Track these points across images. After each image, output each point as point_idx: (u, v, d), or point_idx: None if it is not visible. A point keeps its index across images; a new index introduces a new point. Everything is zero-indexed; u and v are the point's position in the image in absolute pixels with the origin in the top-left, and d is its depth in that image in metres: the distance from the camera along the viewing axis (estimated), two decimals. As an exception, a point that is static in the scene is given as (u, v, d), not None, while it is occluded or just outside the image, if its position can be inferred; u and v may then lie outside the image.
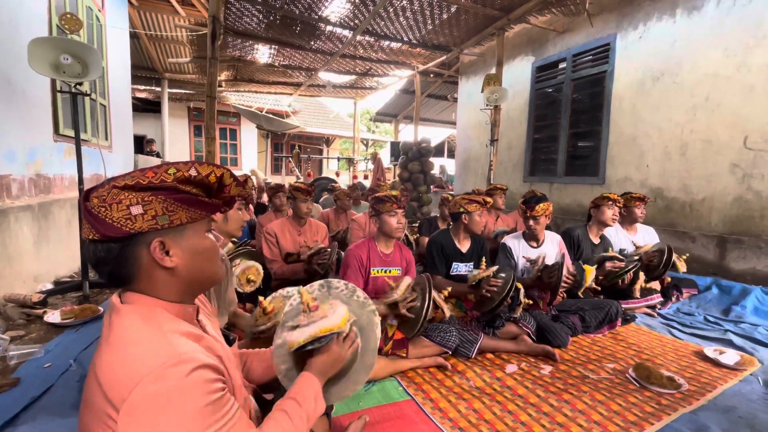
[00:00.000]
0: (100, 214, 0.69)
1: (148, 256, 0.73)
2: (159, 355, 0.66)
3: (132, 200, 0.69)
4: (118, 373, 0.65)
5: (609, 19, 4.85)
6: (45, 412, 1.58)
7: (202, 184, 0.76)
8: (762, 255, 3.42)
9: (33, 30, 3.12)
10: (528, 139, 6.17)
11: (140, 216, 0.70)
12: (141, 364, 0.64)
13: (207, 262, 0.81)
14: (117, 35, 5.38)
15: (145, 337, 0.68)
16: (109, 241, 0.71)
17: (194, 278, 0.79)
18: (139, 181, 0.70)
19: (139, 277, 0.74)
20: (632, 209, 3.32)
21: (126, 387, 0.62)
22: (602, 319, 2.64)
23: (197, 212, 0.76)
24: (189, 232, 0.76)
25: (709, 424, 1.62)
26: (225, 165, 1.04)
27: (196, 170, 0.74)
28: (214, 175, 0.76)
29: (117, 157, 5.41)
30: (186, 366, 0.66)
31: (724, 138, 3.73)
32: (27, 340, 2.27)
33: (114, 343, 0.68)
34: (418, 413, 1.70)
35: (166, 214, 0.72)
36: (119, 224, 0.69)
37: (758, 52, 3.49)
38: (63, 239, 3.39)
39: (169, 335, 0.70)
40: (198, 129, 12.79)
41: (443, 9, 5.24)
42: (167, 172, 0.72)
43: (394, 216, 2.22)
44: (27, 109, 3.09)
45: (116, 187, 0.70)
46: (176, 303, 0.78)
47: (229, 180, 0.79)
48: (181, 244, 0.75)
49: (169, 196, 0.72)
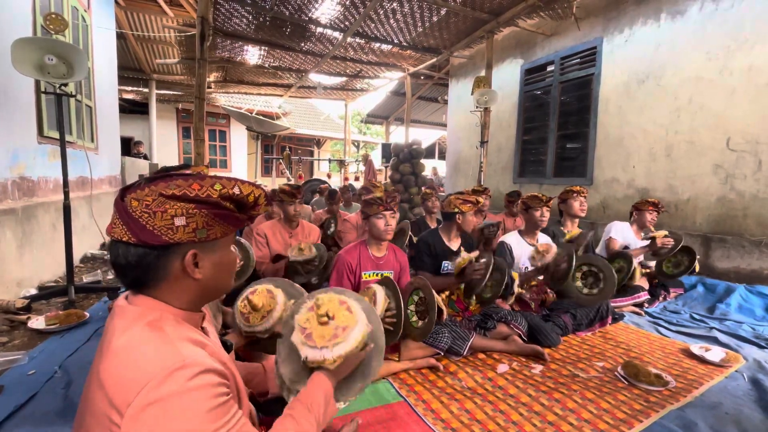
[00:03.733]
0: (141, 219, 0.69)
1: (180, 266, 0.74)
2: (164, 359, 0.65)
3: (177, 211, 0.71)
4: (122, 377, 0.64)
5: (595, 23, 4.94)
6: (29, 420, 1.54)
7: (239, 202, 0.77)
8: (745, 254, 3.50)
9: (17, 30, 3.05)
10: (517, 140, 6.23)
11: (182, 227, 0.71)
12: (145, 368, 0.64)
13: (226, 275, 0.83)
14: (103, 36, 5.30)
15: (149, 342, 0.68)
16: (145, 247, 0.71)
17: (211, 289, 0.81)
18: (186, 193, 0.71)
19: (162, 283, 0.75)
20: (643, 213, 3.37)
21: (130, 391, 0.62)
22: (593, 317, 2.68)
23: (229, 228, 0.78)
24: (219, 245, 0.79)
25: (696, 421, 1.65)
26: (214, 167, 1.04)
27: (239, 189, 0.76)
28: (253, 195, 0.78)
29: (103, 159, 5.32)
30: (190, 370, 0.66)
31: (707, 139, 3.81)
32: (10, 347, 2.21)
33: (118, 347, 0.67)
34: (410, 414, 1.70)
35: (205, 228, 0.74)
36: (160, 233, 0.70)
37: (739, 55, 3.58)
38: (47, 243, 3.32)
39: (174, 340, 0.70)
40: (187, 131, 12.65)
41: (433, 12, 5.27)
42: (213, 188, 0.73)
43: (381, 218, 2.20)
44: (10, 110, 3.03)
45: (163, 195, 0.70)
46: (186, 310, 0.78)
47: (262, 200, 0.81)
48: (210, 257, 0.77)
49: (210, 210, 0.73)
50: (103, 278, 3.53)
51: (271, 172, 13.27)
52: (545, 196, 2.78)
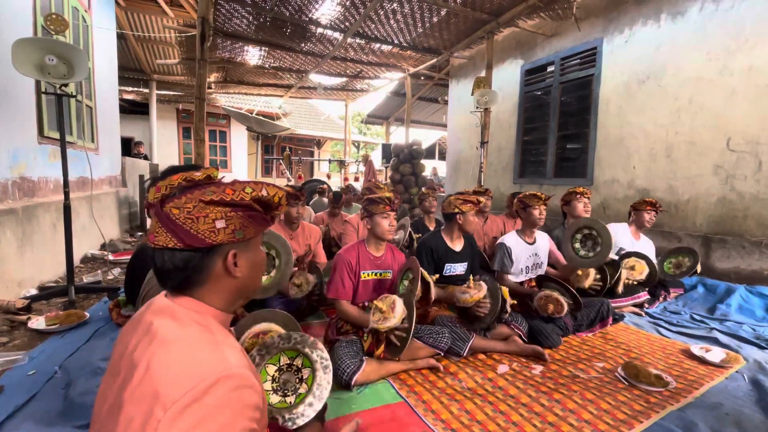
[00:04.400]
0: (185, 225, 0.76)
1: (222, 265, 0.80)
2: (214, 363, 0.69)
3: (217, 215, 0.77)
4: (173, 373, 0.66)
5: (596, 24, 4.94)
6: (30, 420, 1.54)
7: (266, 203, 0.85)
8: (745, 254, 3.50)
9: (17, 30, 3.05)
10: (517, 141, 6.23)
11: (223, 230, 0.78)
12: (197, 369, 0.67)
13: (258, 273, 0.91)
14: (104, 36, 5.31)
15: (202, 344, 0.72)
16: (191, 251, 0.77)
17: (246, 288, 0.87)
18: (223, 197, 0.78)
19: (206, 284, 0.80)
20: (641, 213, 3.36)
21: (178, 389, 0.64)
22: (594, 318, 2.68)
23: (259, 228, 0.86)
24: (252, 245, 0.86)
25: (696, 421, 1.65)
26: (215, 167, 1.06)
27: (266, 191, 0.84)
28: (278, 196, 0.86)
29: (103, 159, 5.33)
30: (236, 380, 0.69)
31: (707, 140, 3.81)
32: (11, 347, 2.21)
33: (172, 343, 0.71)
34: (410, 415, 1.70)
35: (242, 229, 0.81)
36: (204, 236, 0.76)
37: (740, 55, 3.58)
38: (48, 243, 3.32)
39: (222, 345, 0.74)
40: (187, 131, 12.65)
41: (433, 12, 5.27)
42: (245, 191, 0.80)
43: (386, 218, 2.21)
44: (10, 110, 3.03)
45: (203, 201, 0.77)
46: (224, 312, 0.84)
47: (284, 201, 0.89)
48: (246, 256, 0.84)
49: (245, 212, 0.81)
50: (103, 278, 3.53)
51: (271, 173, 13.28)
52: (543, 195, 2.77)
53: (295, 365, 1.45)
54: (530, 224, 2.81)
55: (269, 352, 1.44)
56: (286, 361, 1.45)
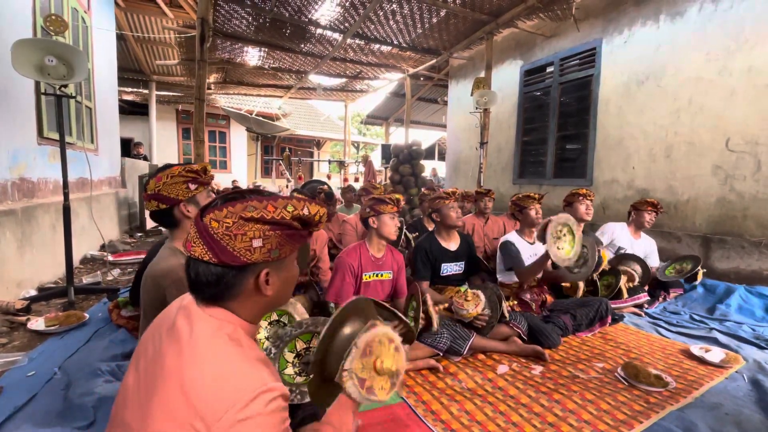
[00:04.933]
0: (222, 241, 0.74)
1: (254, 283, 0.79)
2: (251, 380, 0.70)
3: (255, 233, 0.75)
4: (212, 392, 0.67)
5: (595, 24, 4.94)
6: (29, 421, 1.54)
7: (307, 221, 0.82)
8: (745, 254, 3.50)
9: (17, 31, 3.05)
10: (517, 141, 6.24)
11: (259, 248, 0.76)
12: (236, 387, 0.68)
13: (290, 288, 0.89)
14: (103, 37, 5.31)
15: (236, 360, 0.72)
16: (225, 267, 0.76)
17: (276, 303, 0.87)
18: (264, 215, 0.76)
19: (237, 299, 0.79)
20: (642, 213, 3.37)
21: (220, 407, 0.65)
22: (593, 317, 2.68)
23: (296, 245, 0.84)
24: (287, 262, 0.84)
25: (696, 422, 1.65)
26: (214, 168, 1.05)
27: (308, 210, 0.81)
28: (319, 214, 0.84)
29: (103, 160, 5.33)
30: (271, 394, 0.70)
31: (706, 140, 3.82)
32: (10, 348, 2.21)
33: (207, 358, 0.71)
34: (410, 416, 1.69)
35: (278, 248, 0.79)
36: (239, 254, 0.75)
37: (739, 56, 3.58)
38: (47, 244, 3.32)
39: (254, 360, 0.74)
40: (186, 132, 12.66)
41: (433, 13, 5.28)
42: (286, 209, 0.78)
43: (393, 218, 2.23)
44: (10, 111, 3.03)
45: (243, 218, 0.75)
46: (252, 323, 0.84)
47: (325, 218, 0.87)
48: (279, 274, 0.82)
49: (284, 231, 0.79)
50: (102, 279, 3.53)
51: (270, 173, 13.27)
52: (536, 194, 2.83)
53: (313, 347, 1.46)
54: (528, 224, 2.84)
55: (283, 341, 1.46)
56: (302, 345, 1.47)
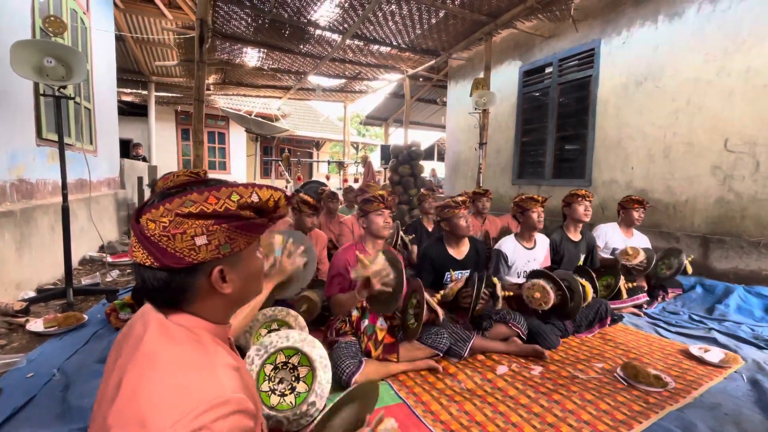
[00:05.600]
0: (161, 243, 0.67)
1: (207, 283, 0.72)
2: (206, 390, 0.64)
3: (197, 230, 0.67)
4: (162, 401, 0.62)
5: (593, 25, 4.95)
6: (28, 422, 1.54)
7: (259, 209, 0.75)
8: (744, 254, 3.51)
9: (16, 32, 3.05)
10: (516, 142, 6.24)
11: (204, 246, 0.68)
12: (188, 396, 0.62)
13: (256, 282, 0.83)
14: (102, 38, 5.31)
15: (196, 367, 0.66)
16: (170, 271, 0.69)
17: (242, 298, 0.81)
18: (203, 209, 0.68)
19: (195, 302, 0.73)
20: (630, 212, 3.37)
21: (167, 418, 0.60)
22: (592, 319, 2.68)
23: (253, 236, 0.76)
24: (244, 256, 0.77)
25: (695, 422, 1.65)
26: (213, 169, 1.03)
27: (258, 196, 0.73)
28: (273, 199, 0.75)
29: (102, 161, 5.32)
30: (228, 407, 0.64)
31: (705, 141, 3.82)
32: (9, 350, 2.21)
33: (162, 364, 0.66)
34: (409, 416, 1.69)
35: (228, 243, 0.71)
36: (182, 254, 0.68)
37: (737, 57, 3.59)
38: (46, 246, 3.31)
39: (216, 367, 0.68)
40: (186, 132, 12.65)
41: (432, 14, 5.28)
42: (230, 199, 0.70)
43: (380, 215, 2.23)
44: (9, 112, 3.03)
45: (179, 215, 0.67)
46: (220, 324, 0.78)
47: (283, 202, 0.78)
48: (237, 270, 0.76)
49: (231, 224, 0.70)
50: (101, 280, 3.53)
51: (270, 174, 13.26)
52: (540, 197, 2.75)
53: (291, 363, 1.44)
54: (529, 228, 2.79)
55: (267, 351, 1.43)
56: (282, 358, 1.45)
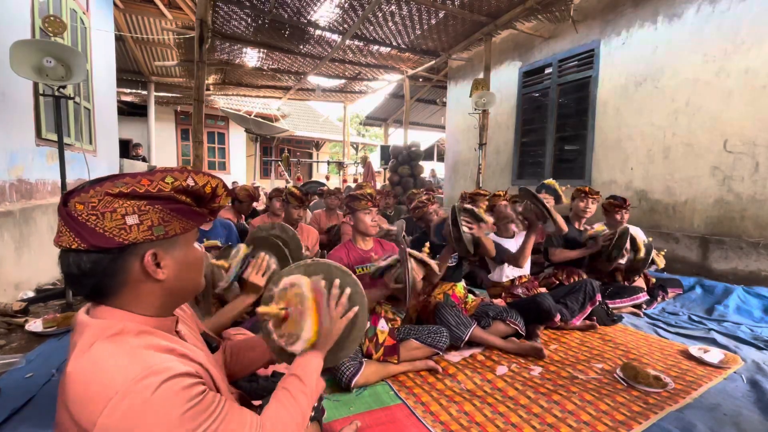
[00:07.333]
0: (89, 223, 0.65)
1: (139, 267, 0.70)
2: (126, 371, 0.61)
3: (128, 209, 0.66)
4: (84, 396, 0.60)
5: (593, 26, 4.96)
6: (26, 423, 1.53)
7: (196, 194, 0.74)
8: (743, 255, 3.51)
9: (15, 32, 3.05)
10: (516, 142, 6.25)
11: (136, 226, 0.67)
12: (108, 383, 0.60)
13: (195, 273, 0.80)
14: (102, 38, 5.30)
15: (111, 356, 0.63)
16: (99, 252, 0.66)
17: (179, 290, 0.77)
18: (135, 189, 0.66)
19: (123, 290, 0.70)
20: (612, 214, 3.40)
21: (95, 410, 0.59)
22: (583, 300, 2.72)
23: (190, 223, 0.74)
24: (181, 242, 0.75)
25: (695, 422, 1.65)
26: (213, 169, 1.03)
27: (193, 180, 0.72)
28: (210, 185, 0.74)
29: (101, 161, 5.31)
30: (157, 377, 0.62)
31: (704, 141, 3.83)
32: (8, 350, 2.20)
33: (79, 365, 0.63)
34: (409, 417, 1.69)
35: (162, 224, 0.69)
36: (112, 234, 0.65)
37: (736, 57, 3.60)
38: (45, 246, 3.31)
39: (137, 350, 0.65)
40: (185, 133, 12.65)
41: (431, 14, 5.29)
42: (164, 181, 0.69)
43: (368, 214, 2.25)
44: (8, 112, 3.02)
45: (109, 194, 0.66)
46: (155, 317, 0.74)
47: (221, 191, 0.77)
48: (173, 255, 0.73)
49: (165, 205, 0.69)
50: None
51: (269, 174, 13.27)
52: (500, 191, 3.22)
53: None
54: (502, 220, 3.01)
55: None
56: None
